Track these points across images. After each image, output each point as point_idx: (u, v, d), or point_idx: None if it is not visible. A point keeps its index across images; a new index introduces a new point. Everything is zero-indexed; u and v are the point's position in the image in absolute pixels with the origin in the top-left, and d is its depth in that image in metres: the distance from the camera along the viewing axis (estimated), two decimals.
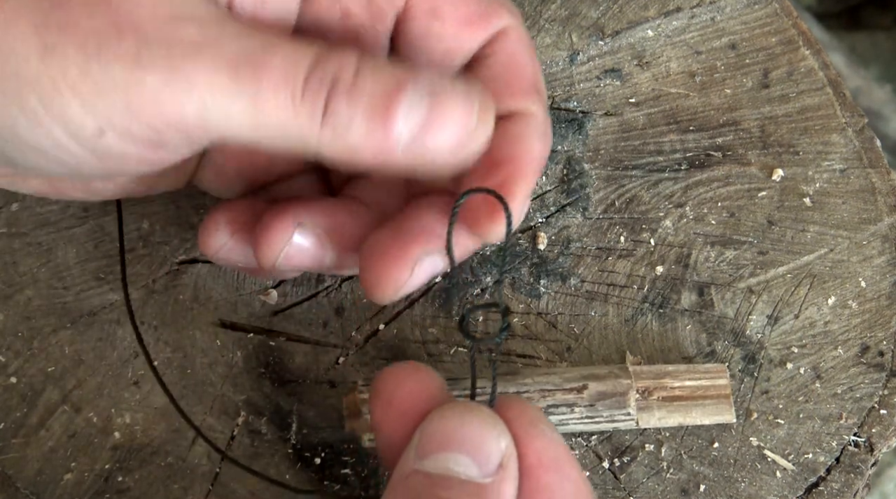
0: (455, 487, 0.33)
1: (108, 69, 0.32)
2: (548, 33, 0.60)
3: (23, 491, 0.47)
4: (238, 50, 0.33)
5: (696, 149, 0.57)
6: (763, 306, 0.53)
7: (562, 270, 0.54)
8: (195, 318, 0.51)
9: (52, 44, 0.31)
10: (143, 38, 0.32)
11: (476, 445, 0.34)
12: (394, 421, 0.37)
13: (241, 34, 0.33)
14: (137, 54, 0.32)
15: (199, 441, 0.48)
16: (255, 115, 0.33)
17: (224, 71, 0.32)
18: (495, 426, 0.35)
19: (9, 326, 0.50)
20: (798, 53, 0.60)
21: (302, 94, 0.33)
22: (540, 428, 0.36)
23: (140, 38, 0.32)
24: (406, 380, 0.38)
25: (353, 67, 0.34)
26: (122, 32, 0.32)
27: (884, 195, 0.56)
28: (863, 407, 0.51)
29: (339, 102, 0.33)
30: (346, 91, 0.33)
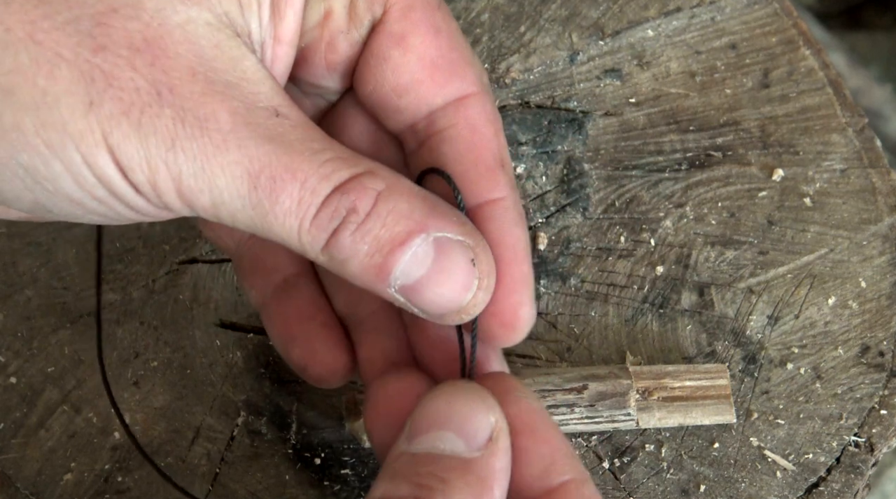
0: (438, 462, 0.33)
1: (146, 142, 0.32)
2: (548, 33, 0.60)
3: (23, 491, 0.47)
4: (262, 157, 0.33)
5: (696, 149, 0.57)
6: (763, 306, 0.53)
7: (562, 270, 0.54)
8: (195, 318, 0.51)
9: (98, 101, 0.31)
10: (180, 113, 0.32)
11: (462, 421, 0.34)
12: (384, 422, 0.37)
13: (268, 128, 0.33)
14: (174, 135, 0.32)
15: (199, 441, 0.48)
16: (261, 225, 0.34)
17: (244, 180, 0.33)
18: (483, 402, 0.35)
19: (9, 326, 0.50)
20: (798, 53, 0.60)
21: (311, 224, 0.33)
22: (514, 395, 0.36)
23: (177, 112, 0.32)
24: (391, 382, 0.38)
25: (370, 201, 0.33)
26: (162, 99, 0.32)
27: (884, 195, 0.56)
28: (863, 407, 0.51)
29: (344, 239, 0.33)
30: (354, 230, 0.33)
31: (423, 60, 0.38)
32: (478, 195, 0.37)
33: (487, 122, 0.38)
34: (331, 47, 0.39)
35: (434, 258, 0.34)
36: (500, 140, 0.39)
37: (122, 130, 0.32)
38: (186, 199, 0.33)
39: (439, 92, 0.38)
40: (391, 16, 0.38)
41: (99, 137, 0.32)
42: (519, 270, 0.37)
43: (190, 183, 0.33)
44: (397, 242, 0.33)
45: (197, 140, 0.32)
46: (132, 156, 0.32)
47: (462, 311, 0.35)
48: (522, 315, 0.37)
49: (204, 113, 0.32)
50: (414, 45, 0.38)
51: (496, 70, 0.59)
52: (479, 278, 0.35)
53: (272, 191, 0.33)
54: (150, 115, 0.32)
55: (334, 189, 0.33)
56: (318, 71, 0.40)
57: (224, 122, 0.32)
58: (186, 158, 0.32)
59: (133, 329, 0.51)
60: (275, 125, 0.33)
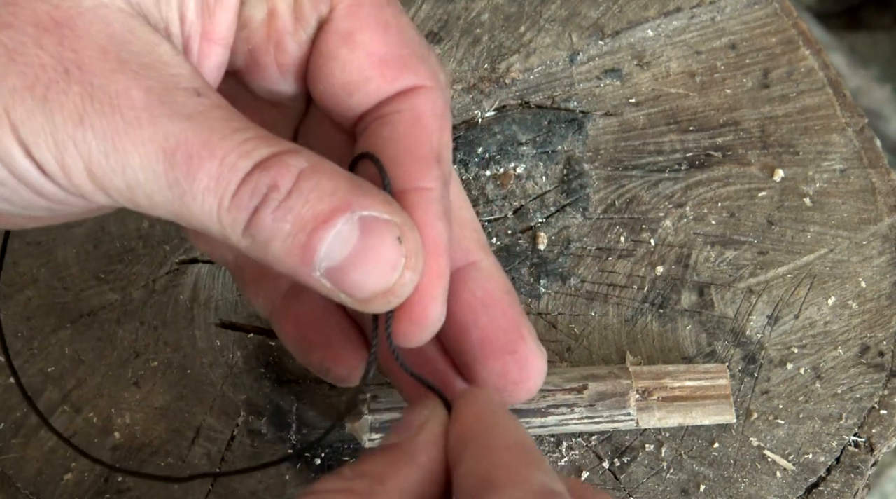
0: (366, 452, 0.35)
1: (53, 119, 0.31)
2: (548, 33, 0.60)
3: (23, 491, 0.47)
4: (178, 134, 0.31)
5: (696, 149, 0.57)
6: (763, 306, 0.53)
7: (562, 270, 0.54)
8: (195, 318, 0.51)
9: (1, 76, 0.30)
10: (89, 90, 0.31)
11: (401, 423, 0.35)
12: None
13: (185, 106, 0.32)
14: (82, 111, 0.31)
15: (199, 441, 0.48)
16: (179, 208, 0.32)
17: (160, 157, 0.31)
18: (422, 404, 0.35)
19: (9, 326, 0.50)
20: (798, 53, 0.60)
21: (230, 202, 0.32)
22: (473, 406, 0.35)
23: (85, 89, 0.31)
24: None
25: (292, 178, 0.32)
26: (70, 76, 0.31)
27: (884, 195, 0.56)
28: (863, 407, 0.51)
29: (265, 218, 0.32)
30: (275, 208, 0.32)
31: (372, 57, 0.37)
32: (406, 181, 0.36)
33: (433, 115, 0.38)
34: (279, 48, 0.38)
35: (359, 237, 0.32)
36: (444, 136, 0.38)
37: (25, 104, 0.31)
38: (98, 180, 0.32)
39: (389, 87, 0.37)
40: (338, 13, 0.37)
41: (0, 112, 0.31)
42: (435, 264, 0.36)
43: (101, 161, 0.31)
44: (321, 219, 0.32)
45: (107, 117, 0.31)
46: (37, 132, 0.31)
47: (389, 292, 0.34)
48: (432, 312, 0.35)
49: (115, 89, 0.31)
50: (362, 41, 0.37)
51: (496, 70, 0.59)
52: (405, 257, 0.33)
53: (189, 168, 0.31)
54: (57, 92, 0.31)
55: (254, 166, 0.32)
56: (270, 75, 0.39)
57: (137, 100, 0.31)
58: (96, 135, 0.31)
59: (133, 329, 0.51)
60: (194, 105, 0.32)
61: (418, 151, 0.37)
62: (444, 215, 0.37)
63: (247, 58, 0.38)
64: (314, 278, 0.33)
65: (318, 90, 0.38)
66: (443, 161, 0.37)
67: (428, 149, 0.37)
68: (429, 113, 0.37)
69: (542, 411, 0.47)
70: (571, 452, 0.49)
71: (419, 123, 0.37)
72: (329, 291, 0.34)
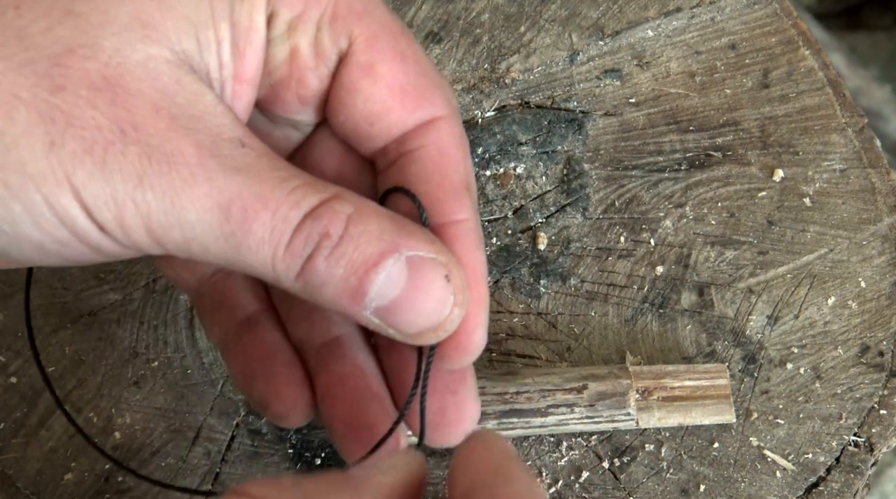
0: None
1: (112, 180, 0.31)
2: (548, 33, 0.60)
3: (23, 491, 0.47)
4: (231, 188, 0.32)
5: (696, 149, 0.57)
6: (763, 306, 0.53)
7: (562, 270, 0.54)
8: (195, 318, 0.51)
9: (60, 141, 0.31)
10: (146, 149, 0.32)
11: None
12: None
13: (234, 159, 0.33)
14: (141, 172, 0.32)
15: (200, 441, 0.49)
16: (234, 257, 0.33)
17: (215, 212, 0.32)
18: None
19: (9, 326, 0.50)
20: (798, 53, 0.60)
21: (284, 251, 0.33)
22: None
23: (142, 149, 0.32)
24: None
25: (342, 225, 0.33)
26: (126, 137, 0.32)
27: (884, 195, 0.56)
28: (863, 407, 0.51)
29: (318, 265, 0.33)
30: (328, 255, 0.33)
31: (393, 88, 0.38)
32: (442, 215, 0.38)
33: (455, 145, 0.39)
34: (301, 83, 0.39)
35: (408, 277, 0.34)
36: (467, 163, 0.39)
37: (85, 169, 0.31)
38: (156, 235, 0.33)
39: (409, 117, 0.39)
40: (357, 47, 0.38)
41: (62, 177, 0.31)
42: (476, 293, 0.37)
43: (160, 219, 0.32)
44: (371, 263, 0.33)
45: (165, 176, 0.32)
46: (98, 194, 0.31)
47: (439, 328, 0.35)
48: (476, 338, 0.37)
49: (171, 148, 0.32)
50: (382, 73, 0.38)
51: (496, 70, 0.59)
52: (453, 294, 0.35)
53: (244, 221, 0.33)
54: (115, 153, 0.31)
55: (305, 215, 0.33)
56: (291, 107, 0.40)
57: (190, 156, 0.32)
58: (155, 194, 0.32)
59: (133, 329, 0.51)
60: (241, 156, 0.33)
61: (449, 184, 0.38)
62: (479, 244, 0.38)
63: (268, 91, 0.39)
64: (364, 316, 0.34)
65: (339, 120, 0.39)
66: (471, 189, 0.39)
67: (457, 180, 0.38)
68: (452, 144, 0.39)
69: (542, 411, 0.47)
70: (571, 452, 0.49)
71: (445, 156, 0.38)
72: (378, 326, 0.35)
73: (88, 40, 0.32)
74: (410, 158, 0.39)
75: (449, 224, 0.38)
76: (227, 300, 0.42)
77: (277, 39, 0.38)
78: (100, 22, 0.32)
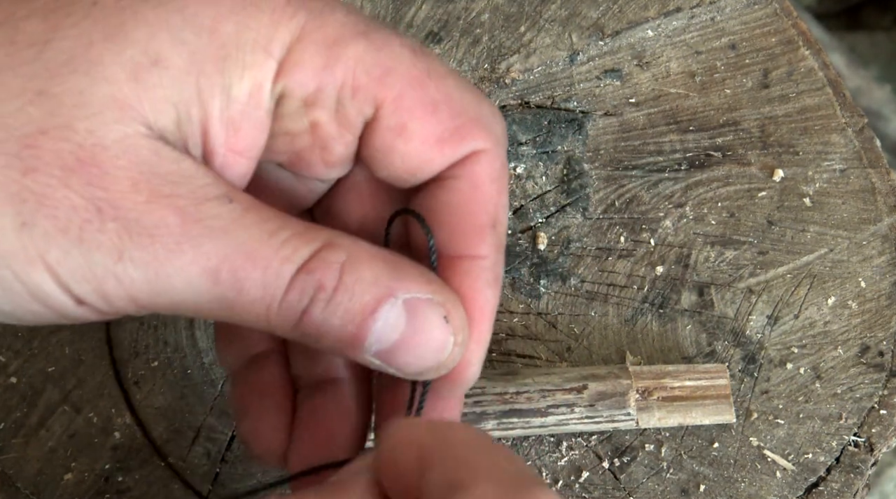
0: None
1: (91, 258, 0.31)
2: (548, 33, 0.60)
3: (23, 491, 0.47)
4: (218, 252, 0.32)
5: (696, 149, 0.57)
6: (763, 306, 0.53)
7: (562, 270, 0.54)
8: (195, 318, 0.51)
9: (31, 221, 0.30)
10: (125, 225, 0.31)
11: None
12: None
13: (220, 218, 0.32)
14: (121, 247, 0.31)
15: (200, 441, 0.48)
16: (228, 316, 0.33)
17: (204, 277, 0.32)
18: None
19: (9, 326, 0.50)
20: (798, 53, 0.60)
21: (279, 307, 0.33)
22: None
23: (121, 225, 0.31)
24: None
25: (335, 276, 0.33)
26: (103, 214, 0.31)
27: (884, 195, 0.56)
28: (863, 407, 0.51)
29: (315, 316, 0.33)
30: (324, 308, 0.33)
31: (428, 141, 0.37)
32: (460, 248, 0.37)
33: (491, 180, 0.38)
34: (325, 150, 0.38)
35: (407, 321, 0.34)
36: (502, 199, 0.38)
37: (61, 247, 0.31)
38: (142, 304, 0.32)
39: (451, 158, 0.37)
40: (384, 111, 0.36)
41: (34, 256, 0.31)
42: (477, 332, 0.37)
43: (143, 288, 0.32)
44: (368, 311, 0.33)
45: (147, 249, 0.31)
46: (74, 270, 0.31)
47: (440, 367, 0.35)
48: (469, 375, 0.37)
49: (152, 221, 0.31)
50: (415, 130, 0.36)
51: (496, 70, 0.59)
52: (454, 335, 0.35)
53: (235, 282, 0.32)
54: (92, 231, 0.31)
55: (298, 269, 0.33)
56: (317, 169, 0.39)
57: (174, 225, 0.32)
58: (136, 267, 0.31)
59: (133, 329, 0.51)
60: (228, 213, 0.33)
61: (475, 219, 0.37)
62: (494, 283, 0.37)
63: (291, 156, 0.38)
64: (365, 359, 0.34)
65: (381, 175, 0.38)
66: (499, 225, 0.38)
67: (485, 216, 0.37)
68: (487, 178, 0.37)
69: (542, 411, 0.47)
70: (571, 452, 0.49)
71: (478, 190, 0.37)
72: (380, 367, 0.35)
73: (62, 122, 0.31)
74: (441, 186, 0.38)
75: (464, 258, 0.37)
76: (243, 334, 0.42)
77: (293, 115, 0.36)
78: (74, 103, 0.31)
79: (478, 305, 0.37)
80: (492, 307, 0.37)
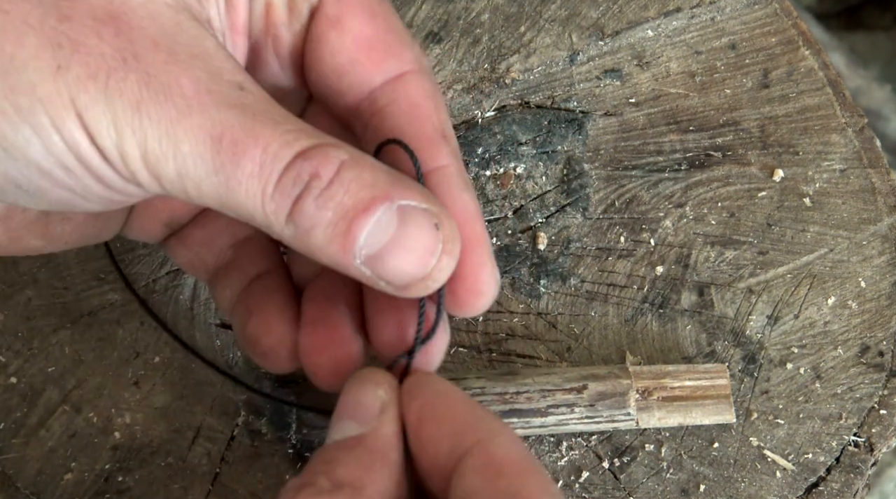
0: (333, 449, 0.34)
1: (113, 105, 0.32)
2: (548, 33, 0.60)
3: (23, 491, 0.47)
4: (224, 121, 0.33)
5: (696, 149, 0.57)
6: (763, 306, 0.53)
7: (562, 270, 0.54)
8: (195, 318, 0.51)
9: (66, 65, 0.32)
10: (145, 78, 0.33)
11: (353, 405, 0.35)
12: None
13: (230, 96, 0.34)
14: (139, 98, 0.32)
15: (199, 441, 0.48)
16: (225, 195, 0.34)
17: (208, 144, 0.33)
18: (372, 380, 0.36)
19: (9, 326, 0.50)
20: (798, 53, 0.60)
21: (273, 189, 0.33)
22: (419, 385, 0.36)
23: (142, 77, 0.33)
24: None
25: (333, 168, 0.33)
26: (127, 65, 0.32)
27: (884, 195, 0.56)
28: (863, 407, 0.51)
29: (307, 206, 0.33)
30: (317, 196, 0.33)
31: (359, 40, 0.39)
32: (423, 164, 0.38)
33: (427, 96, 0.39)
34: (276, 40, 0.40)
35: (398, 225, 0.34)
36: (441, 114, 0.39)
37: (89, 93, 0.32)
38: (152, 167, 0.33)
39: (377, 70, 0.39)
40: (327, 1, 0.39)
41: (67, 100, 0.32)
42: (473, 231, 0.37)
43: (155, 147, 0.33)
44: (361, 208, 0.33)
45: (161, 104, 0.32)
46: (99, 119, 0.32)
47: (428, 277, 0.35)
48: (485, 276, 0.37)
49: (167, 79, 0.33)
50: (350, 26, 0.39)
51: (496, 70, 0.59)
52: (443, 242, 0.35)
53: (234, 154, 0.33)
54: (116, 79, 0.32)
55: (296, 155, 0.33)
56: (270, 68, 0.40)
57: (187, 89, 0.33)
58: (151, 121, 0.32)
59: (133, 329, 0.51)
60: (238, 96, 0.34)
61: (425, 134, 0.38)
62: (466, 188, 0.38)
63: (250, 53, 0.40)
64: (354, 267, 0.34)
65: (312, 78, 0.40)
66: (448, 137, 0.39)
67: (432, 129, 0.39)
68: (422, 95, 0.39)
69: (542, 411, 0.47)
70: (571, 452, 0.49)
71: (417, 107, 0.39)
72: (369, 278, 0.35)
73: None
74: (383, 114, 0.39)
75: (430, 172, 0.38)
76: (241, 264, 0.43)
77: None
78: None
79: (460, 207, 0.37)
80: (474, 209, 0.38)
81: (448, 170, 0.38)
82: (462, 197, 0.38)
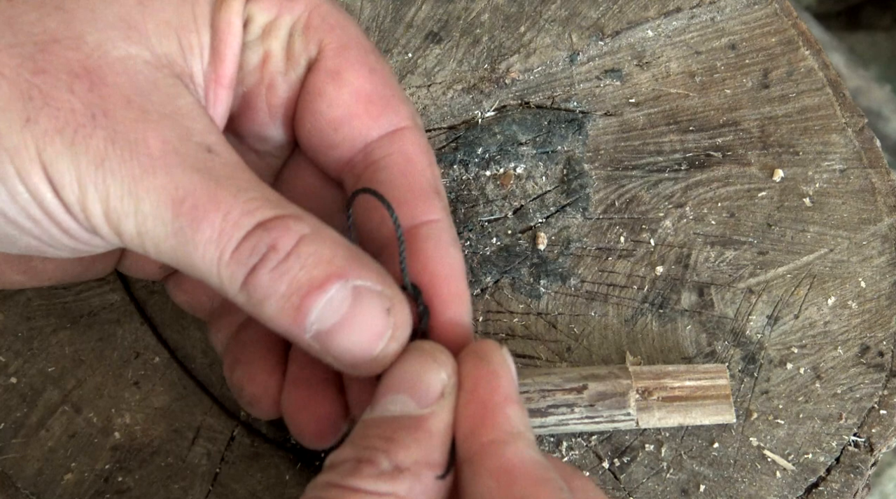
0: (388, 423, 0.34)
1: (77, 161, 0.32)
2: (548, 33, 0.60)
3: (23, 491, 0.47)
4: (188, 184, 0.33)
5: (696, 149, 0.57)
6: (763, 306, 0.53)
7: (562, 270, 0.54)
8: (195, 318, 0.51)
9: (35, 118, 0.32)
10: (112, 134, 0.33)
11: (412, 381, 0.35)
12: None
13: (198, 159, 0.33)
14: (104, 155, 0.32)
15: (199, 441, 0.48)
16: (183, 256, 0.34)
17: (168, 205, 0.33)
18: (435, 359, 0.35)
19: (9, 326, 0.50)
20: (798, 53, 0.60)
21: (230, 257, 0.33)
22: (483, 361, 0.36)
23: (109, 134, 0.33)
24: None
25: (291, 241, 0.33)
26: (96, 121, 0.33)
27: (884, 195, 0.56)
28: (863, 407, 0.51)
29: (262, 277, 0.33)
30: (272, 268, 0.33)
31: (358, 95, 0.39)
32: (413, 217, 0.38)
33: (421, 152, 0.40)
34: (271, 90, 0.40)
35: (350, 305, 0.34)
36: (434, 170, 0.40)
37: (55, 147, 0.32)
38: (113, 223, 0.33)
39: (374, 124, 0.39)
40: (326, 54, 0.39)
41: (33, 153, 0.32)
42: (456, 288, 0.38)
43: (116, 205, 0.33)
44: (315, 285, 0.33)
45: (126, 163, 0.33)
46: (63, 173, 0.32)
47: (373, 361, 0.35)
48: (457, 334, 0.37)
49: (135, 137, 0.33)
50: (348, 80, 0.39)
51: (496, 70, 0.59)
52: (392, 329, 0.35)
53: (194, 219, 0.33)
54: (83, 135, 0.32)
55: (256, 225, 0.33)
56: (260, 117, 0.40)
57: (154, 148, 0.33)
58: (114, 179, 0.33)
59: (133, 329, 0.51)
60: (205, 159, 0.34)
61: (418, 188, 0.39)
62: (454, 243, 0.39)
63: (241, 101, 0.40)
64: (305, 340, 0.34)
65: (305, 130, 0.40)
66: (441, 194, 0.40)
67: (426, 184, 0.39)
68: (417, 151, 0.40)
69: (542, 411, 0.47)
70: (571, 452, 0.49)
71: (412, 162, 0.39)
72: (318, 352, 0.35)
73: (73, 33, 0.33)
74: (377, 167, 0.39)
75: (421, 225, 0.38)
76: (231, 309, 0.43)
77: (252, 44, 0.39)
78: (86, 18, 0.34)
79: (447, 263, 0.38)
80: (459, 264, 0.38)
81: (440, 224, 0.39)
82: (450, 252, 0.38)
